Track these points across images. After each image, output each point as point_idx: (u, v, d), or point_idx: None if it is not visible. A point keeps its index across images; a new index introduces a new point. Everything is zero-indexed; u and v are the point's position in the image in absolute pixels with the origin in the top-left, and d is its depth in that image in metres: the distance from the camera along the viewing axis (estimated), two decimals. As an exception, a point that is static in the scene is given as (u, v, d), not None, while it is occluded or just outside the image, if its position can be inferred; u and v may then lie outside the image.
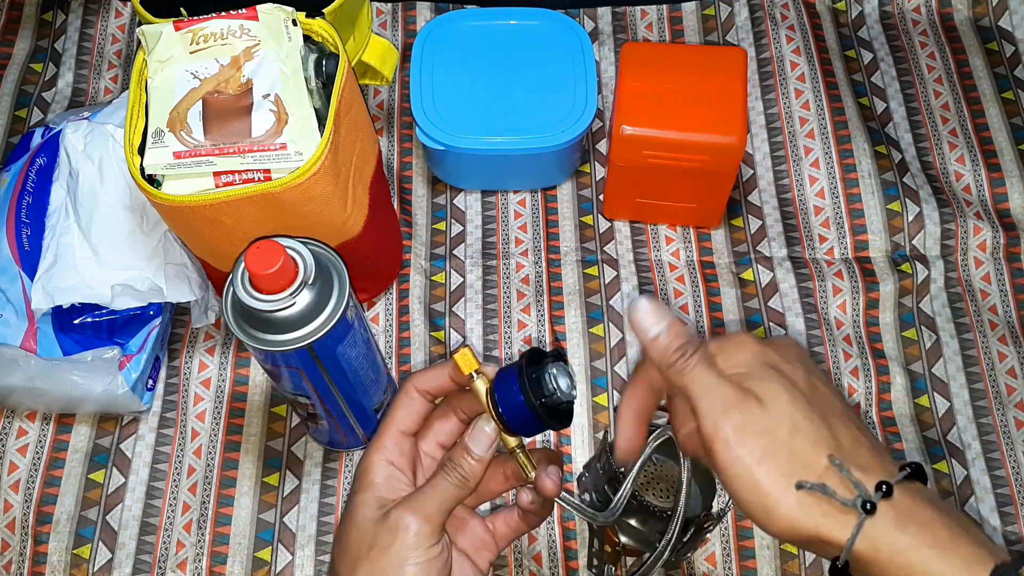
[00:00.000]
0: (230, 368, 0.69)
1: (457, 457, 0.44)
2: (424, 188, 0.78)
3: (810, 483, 0.37)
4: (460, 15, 0.76)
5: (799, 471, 0.37)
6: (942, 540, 0.36)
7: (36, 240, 0.66)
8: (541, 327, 0.71)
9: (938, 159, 0.78)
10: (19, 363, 0.63)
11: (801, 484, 0.37)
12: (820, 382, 0.41)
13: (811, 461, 0.38)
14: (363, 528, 0.43)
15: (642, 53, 0.70)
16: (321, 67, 0.56)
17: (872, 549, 0.36)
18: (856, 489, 0.37)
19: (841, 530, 0.37)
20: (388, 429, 0.45)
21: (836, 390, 0.41)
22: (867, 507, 0.36)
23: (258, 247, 0.47)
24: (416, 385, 0.46)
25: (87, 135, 0.67)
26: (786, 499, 0.37)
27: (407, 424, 0.46)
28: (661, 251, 0.74)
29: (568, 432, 0.67)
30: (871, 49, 0.84)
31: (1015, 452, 0.66)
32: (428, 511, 0.42)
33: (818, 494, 0.37)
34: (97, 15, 0.86)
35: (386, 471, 0.44)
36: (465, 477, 0.44)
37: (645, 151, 0.66)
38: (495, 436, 0.44)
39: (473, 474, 0.44)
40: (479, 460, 0.44)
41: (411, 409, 0.46)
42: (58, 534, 0.64)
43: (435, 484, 0.43)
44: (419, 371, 0.47)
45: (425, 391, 0.46)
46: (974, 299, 0.72)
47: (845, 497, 0.37)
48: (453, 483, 0.43)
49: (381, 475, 0.44)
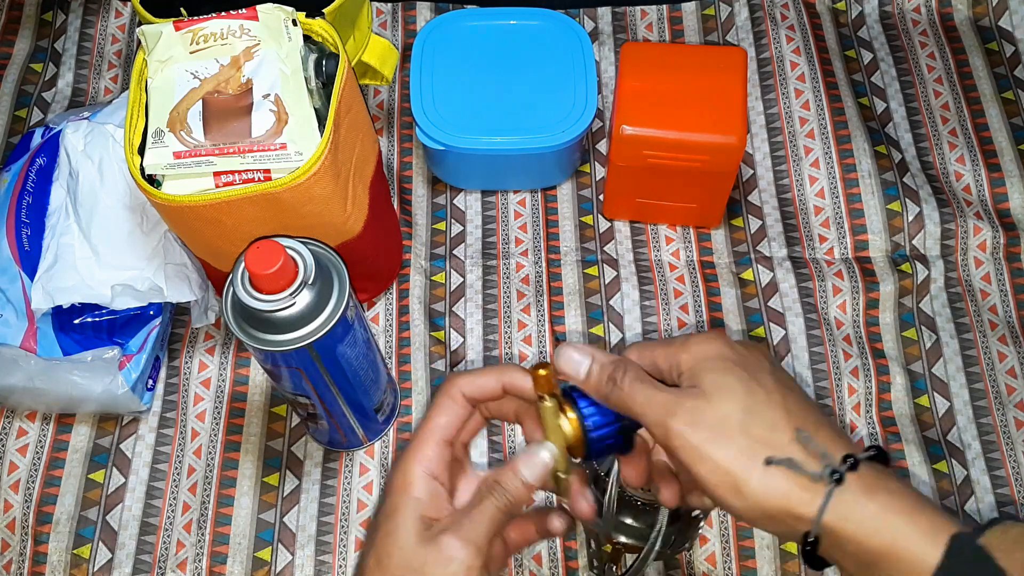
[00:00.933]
0: (230, 368, 0.69)
1: (507, 482, 0.41)
2: (424, 188, 0.78)
3: (778, 458, 0.37)
4: (460, 15, 0.76)
5: (761, 449, 0.38)
6: (909, 507, 0.36)
7: (36, 240, 0.66)
8: (541, 327, 0.71)
9: (938, 159, 0.78)
10: (19, 363, 0.63)
11: (770, 459, 0.37)
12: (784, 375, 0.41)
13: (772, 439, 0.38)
14: (408, 551, 0.40)
15: (642, 53, 0.70)
16: (321, 67, 0.56)
17: (841, 519, 0.36)
18: (823, 460, 0.37)
19: (810, 502, 0.37)
20: (430, 437, 0.42)
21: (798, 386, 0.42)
22: (836, 476, 0.37)
23: (258, 247, 0.47)
24: (464, 390, 0.43)
25: (87, 135, 0.67)
26: (753, 475, 0.37)
27: (449, 432, 0.43)
28: (661, 251, 0.74)
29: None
30: (871, 49, 0.84)
31: (1015, 452, 0.66)
32: (479, 540, 0.40)
33: (785, 469, 0.37)
34: (97, 15, 0.86)
35: (429, 486, 0.42)
36: (513, 504, 0.41)
37: (645, 151, 0.66)
38: (552, 464, 0.42)
39: (521, 501, 0.42)
40: (529, 487, 0.42)
41: (453, 416, 0.43)
42: (58, 534, 0.64)
43: (484, 510, 0.41)
44: (464, 374, 0.44)
45: (472, 398, 0.43)
46: (974, 299, 0.72)
47: (813, 470, 0.37)
48: (502, 509, 0.41)
49: (424, 490, 0.41)
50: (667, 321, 0.71)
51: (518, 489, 0.41)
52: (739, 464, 0.38)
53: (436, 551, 0.40)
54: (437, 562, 0.39)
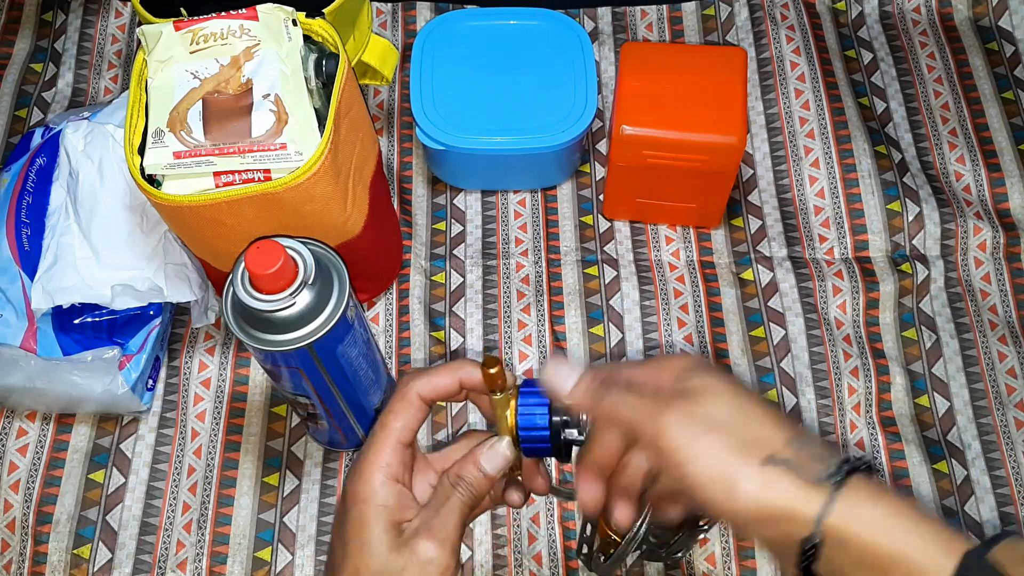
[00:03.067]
0: (230, 368, 0.69)
1: (469, 476, 0.42)
2: (424, 188, 0.78)
3: (779, 457, 0.36)
4: (460, 15, 0.76)
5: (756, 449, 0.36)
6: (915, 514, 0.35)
7: (36, 240, 0.66)
8: (541, 327, 0.71)
9: (938, 159, 0.78)
10: (19, 363, 0.63)
11: (771, 458, 0.36)
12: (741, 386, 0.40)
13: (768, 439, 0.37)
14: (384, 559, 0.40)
15: (642, 53, 0.70)
16: (321, 67, 0.56)
17: (846, 521, 0.35)
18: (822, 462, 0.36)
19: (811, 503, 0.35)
20: (388, 441, 0.42)
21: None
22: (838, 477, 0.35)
23: (258, 247, 0.47)
24: (419, 391, 0.43)
25: (87, 135, 0.67)
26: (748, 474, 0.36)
27: (407, 435, 0.43)
28: (661, 251, 0.74)
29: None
30: (871, 49, 0.84)
31: (1015, 452, 0.66)
32: (452, 538, 0.41)
33: (783, 471, 0.36)
34: (97, 15, 0.86)
35: (393, 490, 0.42)
36: (477, 497, 0.42)
37: (645, 151, 0.66)
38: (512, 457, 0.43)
39: (484, 493, 0.43)
40: (490, 480, 0.43)
41: (410, 418, 0.43)
42: (58, 534, 0.64)
43: (451, 507, 0.42)
44: (418, 373, 0.44)
45: (430, 398, 0.43)
46: (974, 299, 0.72)
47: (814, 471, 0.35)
48: (468, 503, 0.42)
49: (390, 496, 0.42)
50: (667, 321, 0.71)
51: (480, 482, 0.42)
52: (733, 462, 0.36)
53: (412, 556, 0.40)
54: (415, 566, 0.40)
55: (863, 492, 0.35)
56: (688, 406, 0.38)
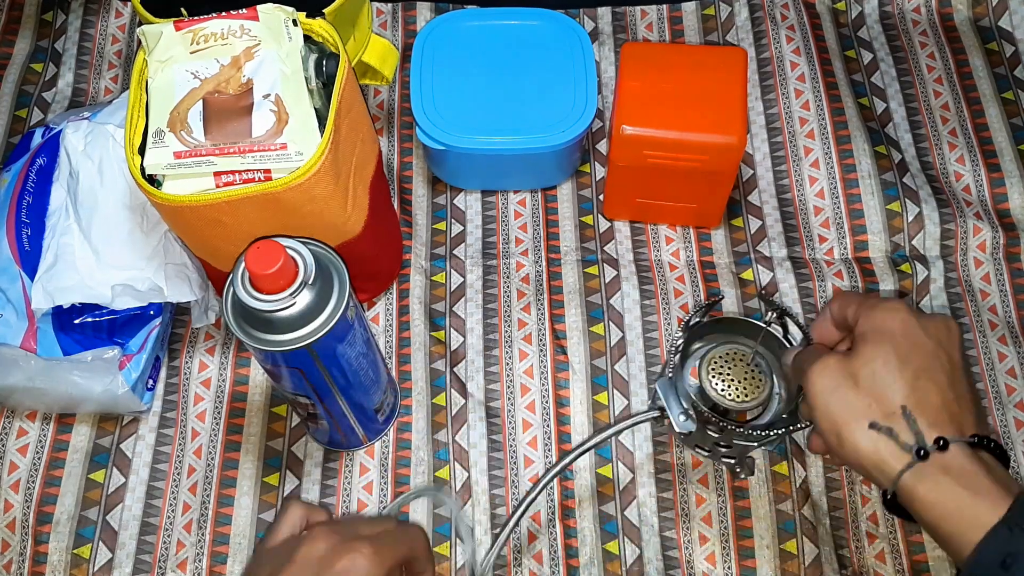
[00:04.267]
0: (230, 368, 0.70)
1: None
2: (424, 188, 0.78)
3: (882, 424, 0.45)
4: (460, 15, 0.76)
5: (870, 412, 0.45)
6: (977, 486, 0.43)
7: (36, 240, 0.66)
8: (541, 326, 0.71)
9: (938, 159, 0.78)
10: (19, 363, 0.63)
11: (874, 424, 0.45)
12: (945, 356, 0.47)
13: (885, 405, 0.45)
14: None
15: (642, 53, 0.70)
16: (321, 67, 0.56)
17: (915, 484, 0.44)
18: (916, 438, 0.44)
19: (895, 464, 0.44)
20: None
21: (961, 366, 0.47)
22: (920, 453, 0.44)
23: (258, 247, 0.47)
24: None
25: (87, 135, 0.67)
26: (855, 432, 0.45)
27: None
28: (661, 251, 0.74)
29: (568, 429, 0.67)
30: (871, 49, 0.84)
31: (1015, 452, 0.66)
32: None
33: (882, 435, 0.45)
34: (97, 15, 0.86)
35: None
36: None
37: (645, 151, 0.66)
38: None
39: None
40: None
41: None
42: (58, 534, 0.64)
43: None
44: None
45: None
46: (974, 299, 0.72)
47: (906, 442, 0.44)
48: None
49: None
50: (667, 321, 0.71)
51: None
52: (846, 419, 0.46)
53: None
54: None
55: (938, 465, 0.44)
56: (838, 362, 0.47)
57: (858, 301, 0.50)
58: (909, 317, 0.48)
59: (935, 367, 0.46)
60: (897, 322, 0.47)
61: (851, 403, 0.46)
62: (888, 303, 0.48)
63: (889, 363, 0.46)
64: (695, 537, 0.63)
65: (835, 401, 0.46)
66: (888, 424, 0.45)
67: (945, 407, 0.45)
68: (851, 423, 0.46)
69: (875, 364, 0.46)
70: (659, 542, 0.63)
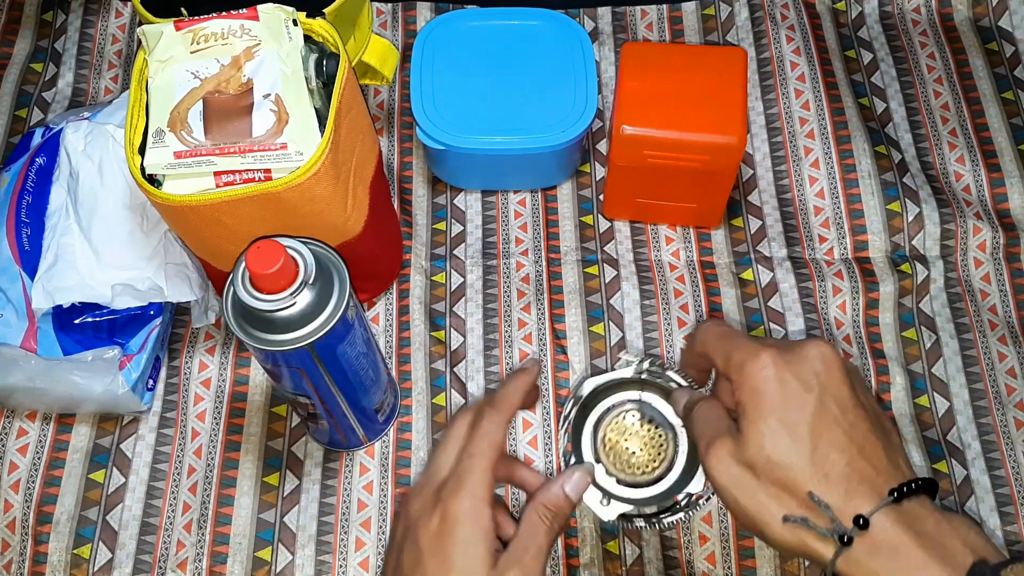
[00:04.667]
0: (230, 368, 0.70)
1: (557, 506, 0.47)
2: (424, 188, 0.78)
3: (794, 517, 0.42)
4: (460, 15, 0.76)
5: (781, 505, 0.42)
6: (913, 564, 0.40)
7: (36, 240, 0.66)
8: (541, 326, 0.71)
9: (938, 159, 0.78)
10: (19, 363, 0.63)
11: (787, 518, 0.42)
12: (832, 403, 0.43)
13: (792, 493, 0.42)
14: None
15: (642, 53, 0.70)
16: (322, 67, 0.56)
17: (849, 569, 0.41)
18: (834, 524, 0.41)
19: (824, 551, 0.41)
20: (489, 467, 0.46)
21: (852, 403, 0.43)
22: (843, 539, 0.41)
23: (258, 247, 0.47)
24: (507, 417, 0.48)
25: (87, 135, 0.67)
26: (775, 527, 0.42)
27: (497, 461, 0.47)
28: (661, 251, 0.74)
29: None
30: (871, 49, 0.84)
31: (1015, 452, 0.66)
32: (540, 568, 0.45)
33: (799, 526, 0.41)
34: (97, 15, 0.86)
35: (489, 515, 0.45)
36: (563, 525, 0.47)
37: (645, 151, 0.66)
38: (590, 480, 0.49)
39: (568, 518, 0.48)
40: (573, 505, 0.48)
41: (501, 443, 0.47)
42: (58, 534, 0.64)
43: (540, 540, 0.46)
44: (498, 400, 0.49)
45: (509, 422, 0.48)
46: (974, 299, 0.72)
47: (826, 527, 0.41)
48: (556, 533, 0.46)
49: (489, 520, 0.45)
50: (667, 321, 0.71)
51: (565, 510, 0.47)
52: (761, 513, 0.42)
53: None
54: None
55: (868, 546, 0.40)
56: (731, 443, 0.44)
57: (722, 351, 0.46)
58: (780, 372, 0.43)
59: (827, 423, 0.42)
60: (770, 382, 0.43)
61: (758, 499, 0.42)
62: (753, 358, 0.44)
63: (779, 442, 0.42)
64: (695, 537, 0.63)
65: (742, 498, 0.43)
66: (801, 515, 0.41)
67: (853, 470, 0.41)
68: (766, 519, 0.42)
69: (766, 447, 0.42)
70: (659, 542, 0.63)
